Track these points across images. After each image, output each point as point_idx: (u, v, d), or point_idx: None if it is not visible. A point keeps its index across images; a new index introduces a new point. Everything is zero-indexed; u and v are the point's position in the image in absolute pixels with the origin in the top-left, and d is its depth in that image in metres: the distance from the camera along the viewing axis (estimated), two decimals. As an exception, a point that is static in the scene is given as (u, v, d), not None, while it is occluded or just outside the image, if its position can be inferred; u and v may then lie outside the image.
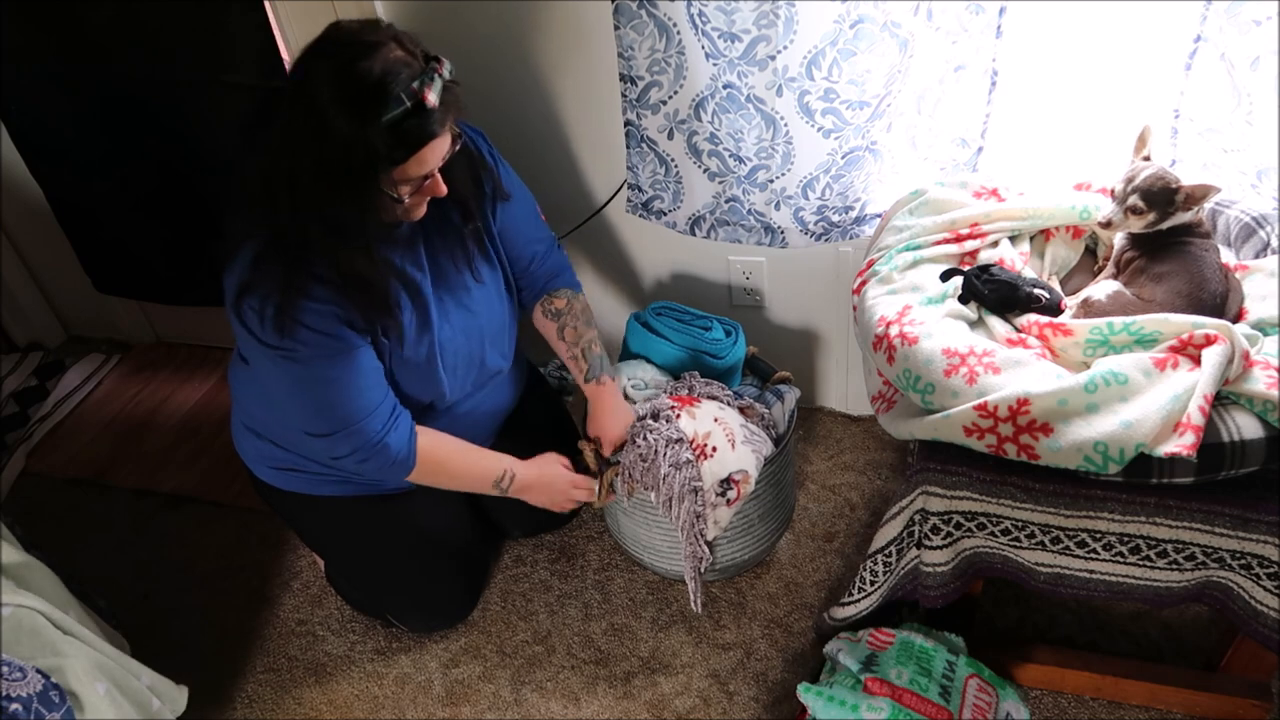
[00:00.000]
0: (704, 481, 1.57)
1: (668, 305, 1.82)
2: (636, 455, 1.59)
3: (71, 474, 2.24)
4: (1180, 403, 1.17)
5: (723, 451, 1.58)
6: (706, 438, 1.58)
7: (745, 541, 1.74)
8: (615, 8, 1.51)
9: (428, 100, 1.23)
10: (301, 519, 1.71)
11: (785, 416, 1.72)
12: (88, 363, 2.54)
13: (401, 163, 1.27)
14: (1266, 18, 1.29)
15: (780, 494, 1.76)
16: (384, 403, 1.44)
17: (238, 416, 1.65)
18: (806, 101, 1.51)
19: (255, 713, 1.71)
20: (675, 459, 1.56)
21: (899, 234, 1.50)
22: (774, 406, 1.70)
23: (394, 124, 1.22)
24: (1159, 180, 1.31)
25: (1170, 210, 1.31)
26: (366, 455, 1.44)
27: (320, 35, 1.26)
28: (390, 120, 1.22)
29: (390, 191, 1.31)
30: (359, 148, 1.23)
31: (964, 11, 1.45)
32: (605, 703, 1.66)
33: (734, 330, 1.79)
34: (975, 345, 1.29)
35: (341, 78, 1.21)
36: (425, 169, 1.30)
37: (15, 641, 1.26)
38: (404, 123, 1.23)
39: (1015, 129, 1.59)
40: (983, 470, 1.29)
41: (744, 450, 1.60)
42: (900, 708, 1.35)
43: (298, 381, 1.39)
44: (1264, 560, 1.23)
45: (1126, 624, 1.67)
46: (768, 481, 1.68)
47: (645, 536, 1.74)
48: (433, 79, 1.23)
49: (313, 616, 1.86)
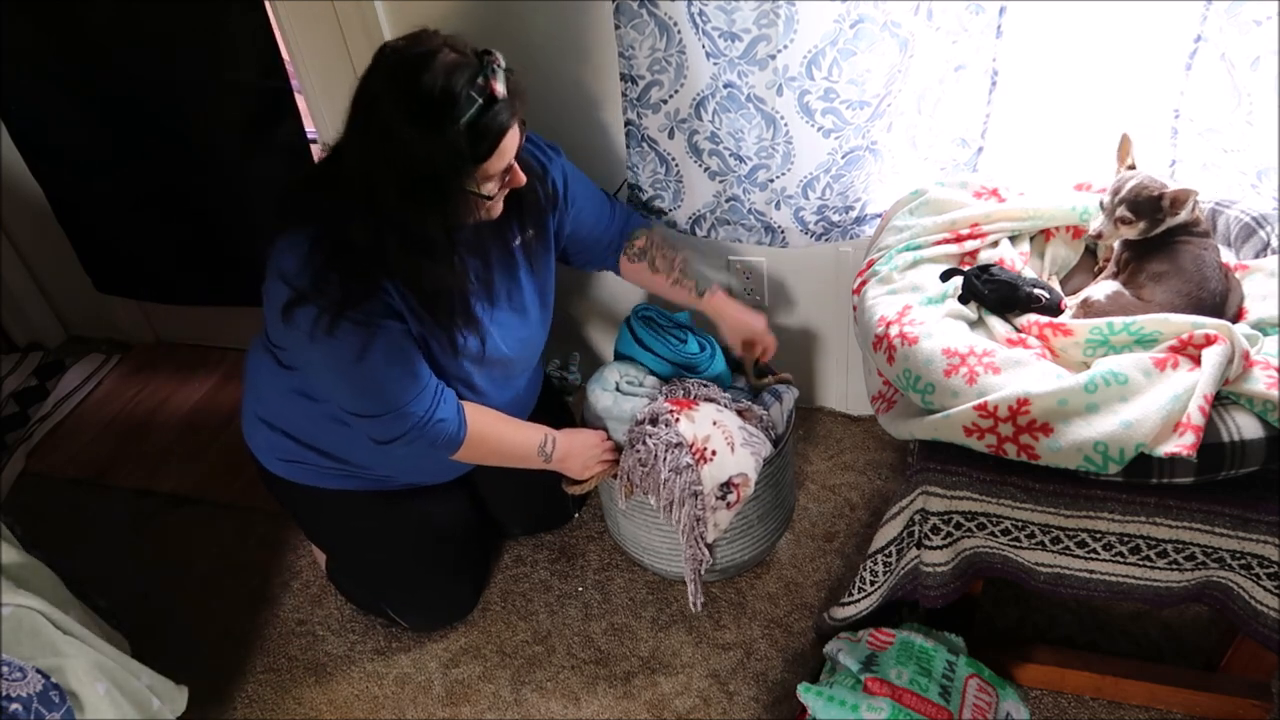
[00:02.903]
0: (704, 485, 1.56)
1: (648, 310, 1.80)
2: (636, 460, 1.59)
3: (71, 474, 2.24)
4: (1180, 403, 1.17)
5: (722, 455, 1.58)
6: (706, 441, 1.58)
7: (744, 542, 1.74)
8: (616, 7, 1.51)
9: (496, 91, 1.25)
10: (307, 512, 1.72)
11: (784, 417, 1.72)
12: (88, 363, 2.54)
13: (485, 159, 1.29)
14: (1266, 18, 1.29)
15: (780, 495, 1.76)
16: (430, 381, 1.45)
17: (251, 407, 1.64)
18: (807, 101, 1.51)
19: (255, 713, 1.71)
20: (675, 463, 1.56)
21: (899, 234, 1.50)
22: (772, 407, 1.70)
23: (471, 123, 1.24)
24: (1143, 189, 1.31)
25: (1159, 216, 1.31)
26: (418, 434, 1.44)
27: (374, 60, 1.27)
28: (468, 120, 1.24)
29: (477, 190, 1.33)
30: (442, 156, 1.25)
31: (964, 11, 1.45)
32: (605, 703, 1.67)
33: (708, 344, 1.75)
34: (975, 345, 1.29)
35: (409, 96, 1.23)
36: (506, 160, 1.33)
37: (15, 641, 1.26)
38: (480, 119, 1.25)
39: (1015, 129, 1.59)
40: (983, 470, 1.29)
41: (743, 453, 1.60)
42: (900, 708, 1.35)
43: (347, 368, 1.39)
44: (1264, 560, 1.23)
45: (1126, 624, 1.67)
46: (766, 482, 1.68)
47: (645, 538, 1.74)
48: (495, 70, 1.26)
49: (313, 616, 1.86)
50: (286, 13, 1.75)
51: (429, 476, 1.69)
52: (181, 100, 1.90)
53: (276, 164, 1.92)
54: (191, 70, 1.85)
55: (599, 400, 1.68)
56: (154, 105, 1.92)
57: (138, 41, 1.84)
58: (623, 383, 1.71)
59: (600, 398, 1.68)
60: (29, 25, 1.87)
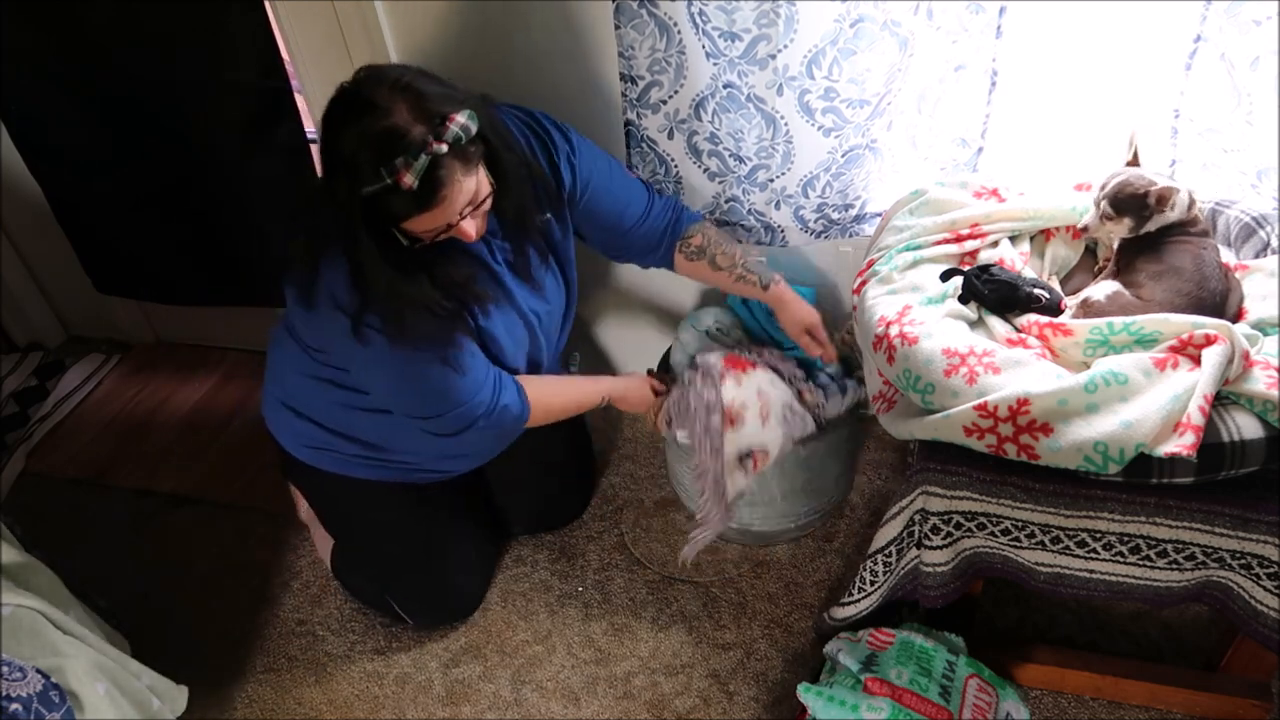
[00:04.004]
0: (726, 448, 1.61)
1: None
2: (676, 399, 1.66)
3: (71, 474, 2.24)
4: (1180, 403, 1.17)
5: (751, 425, 1.61)
6: (743, 408, 1.61)
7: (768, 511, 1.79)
8: (616, 7, 1.51)
9: (404, 183, 1.21)
10: (329, 499, 1.73)
11: (841, 409, 1.72)
12: (88, 363, 2.54)
13: (397, 223, 1.30)
14: (1266, 18, 1.29)
15: (814, 480, 1.78)
16: (488, 376, 1.48)
17: (274, 393, 1.65)
18: (807, 100, 1.51)
19: (255, 713, 1.71)
20: (706, 422, 1.61)
21: (899, 234, 1.50)
22: (833, 397, 1.71)
23: (373, 197, 1.23)
24: (1126, 187, 1.32)
25: (1145, 214, 1.31)
26: (487, 422, 1.50)
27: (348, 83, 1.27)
28: (369, 194, 1.23)
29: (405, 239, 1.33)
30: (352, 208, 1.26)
31: (964, 11, 1.45)
32: (605, 703, 1.67)
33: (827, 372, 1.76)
34: (975, 345, 1.29)
35: (346, 137, 1.23)
36: (425, 227, 1.31)
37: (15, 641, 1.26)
38: (384, 197, 1.24)
39: (1015, 129, 1.59)
40: (983, 470, 1.29)
41: (774, 427, 1.62)
42: (900, 708, 1.35)
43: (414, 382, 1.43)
44: (1264, 560, 1.23)
45: (1126, 624, 1.67)
46: (800, 463, 1.72)
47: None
48: (417, 157, 1.21)
49: (313, 616, 1.86)
50: (286, 13, 1.75)
51: (465, 464, 1.71)
52: (181, 100, 1.90)
53: (276, 164, 1.92)
54: (191, 70, 1.84)
55: (685, 336, 1.78)
56: (154, 105, 1.91)
57: (138, 41, 1.84)
58: (714, 328, 1.79)
59: (687, 333, 1.78)
60: (29, 25, 1.86)
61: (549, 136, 1.54)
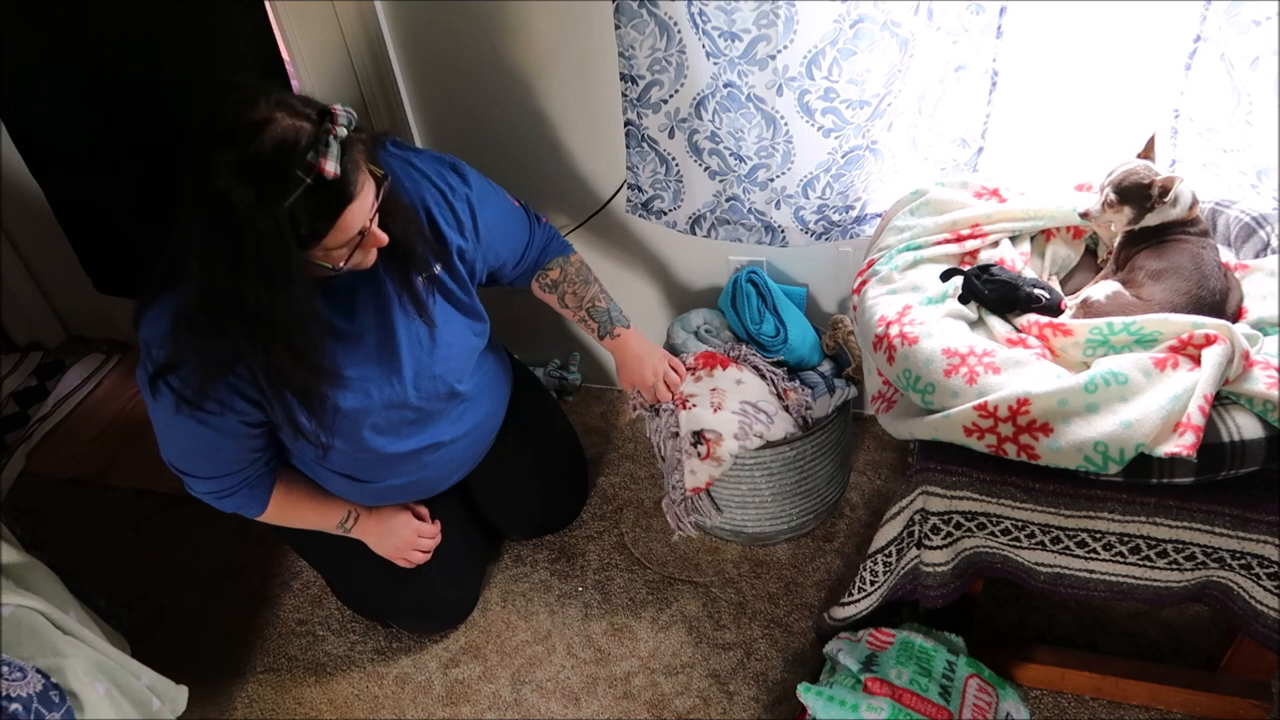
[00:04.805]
0: (681, 428, 1.65)
1: (755, 274, 1.82)
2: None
3: (71, 474, 2.24)
4: (1180, 403, 1.17)
5: (700, 410, 1.65)
6: (692, 395, 1.67)
7: (758, 514, 1.80)
8: (616, 7, 1.51)
9: (325, 171, 1.16)
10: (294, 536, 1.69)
11: (829, 409, 1.73)
12: (88, 363, 2.54)
13: (323, 236, 1.22)
14: (1266, 18, 1.29)
15: (804, 482, 1.78)
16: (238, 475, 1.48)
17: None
18: (807, 101, 1.51)
19: (255, 713, 1.71)
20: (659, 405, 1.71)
21: (899, 234, 1.50)
22: (820, 398, 1.71)
23: (297, 205, 1.16)
24: (1131, 174, 1.32)
25: (1147, 205, 1.31)
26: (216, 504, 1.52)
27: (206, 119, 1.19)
28: (293, 203, 1.16)
29: (323, 264, 1.27)
30: (269, 237, 1.17)
31: (964, 11, 1.45)
32: (605, 703, 1.67)
33: (784, 330, 1.76)
34: (975, 345, 1.29)
35: (235, 167, 1.14)
36: (350, 232, 1.24)
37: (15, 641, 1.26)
38: (309, 200, 1.17)
39: (1015, 129, 1.59)
40: (983, 470, 1.29)
41: (727, 417, 1.64)
42: (900, 708, 1.35)
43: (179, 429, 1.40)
44: (1264, 560, 1.23)
45: (1126, 624, 1.68)
46: (786, 465, 1.73)
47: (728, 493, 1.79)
48: (327, 144, 1.16)
49: (313, 616, 1.86)
50: (286, 13, 1.75)
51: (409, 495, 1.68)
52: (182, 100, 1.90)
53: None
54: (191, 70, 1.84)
55: (675, 336, 1.83)
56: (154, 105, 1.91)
57: (138, 42, 1.84)
58: (702, 328, 1.84)
59: (677, 334, 1.83)
60: (29, 26, 1.86)
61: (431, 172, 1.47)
